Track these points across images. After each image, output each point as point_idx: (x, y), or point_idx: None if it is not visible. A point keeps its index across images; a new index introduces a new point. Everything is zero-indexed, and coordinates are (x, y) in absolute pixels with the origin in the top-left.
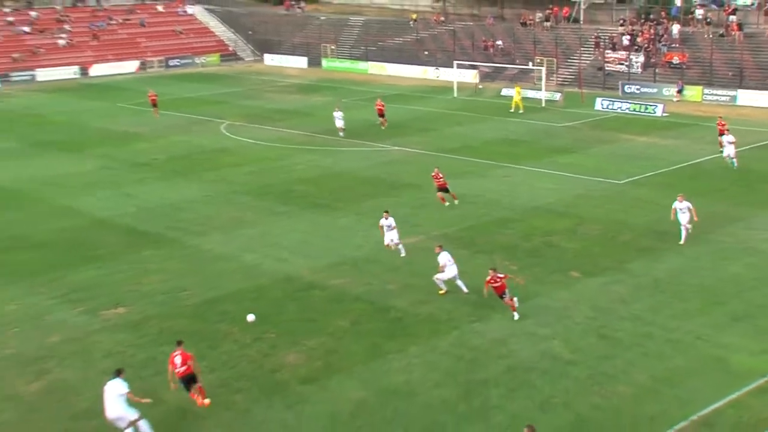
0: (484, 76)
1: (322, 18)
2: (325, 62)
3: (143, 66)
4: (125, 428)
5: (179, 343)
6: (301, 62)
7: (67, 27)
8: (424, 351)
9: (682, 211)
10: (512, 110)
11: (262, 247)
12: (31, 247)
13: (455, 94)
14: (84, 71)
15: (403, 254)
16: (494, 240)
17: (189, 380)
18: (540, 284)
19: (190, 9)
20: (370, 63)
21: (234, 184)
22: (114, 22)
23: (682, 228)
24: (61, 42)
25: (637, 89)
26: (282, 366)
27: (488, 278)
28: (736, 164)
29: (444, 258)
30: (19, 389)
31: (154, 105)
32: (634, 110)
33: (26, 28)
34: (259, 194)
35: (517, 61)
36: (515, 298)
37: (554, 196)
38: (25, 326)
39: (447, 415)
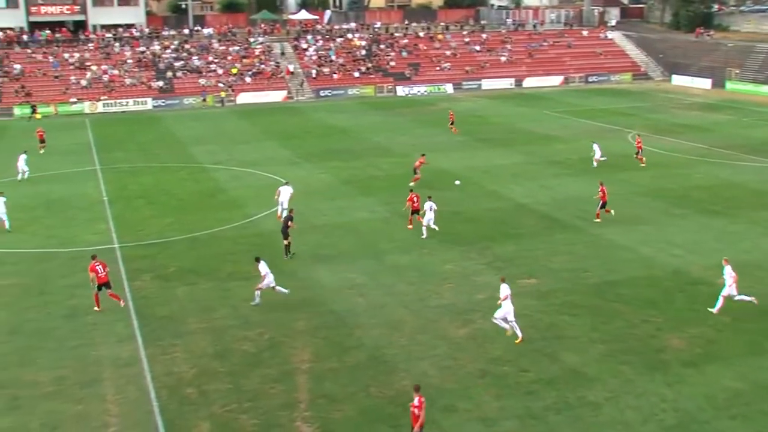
0: None
1: (730, 45)
2: (728, 84)
3: (566, 80)
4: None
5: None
6: (705, 83)
7: (508, 47)
8: None
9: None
10: None
11: (656, 242)
12: (465, 220)
13: None
14: (518, 82)
15: (436, 228)
16: None
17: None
18: None
19: (610, 34)
20: None
21: (635, 186)
22: (546, 43)
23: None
24: (503, 58)
25: None
26: (665, 347)
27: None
28: None
29: (263, 268)
30: (450, 332)
31: (452, 123)
32: None
33: (477, 47)
34: (657, 196)
35: None
36: None
37: None
38: (458, 283)
39: None
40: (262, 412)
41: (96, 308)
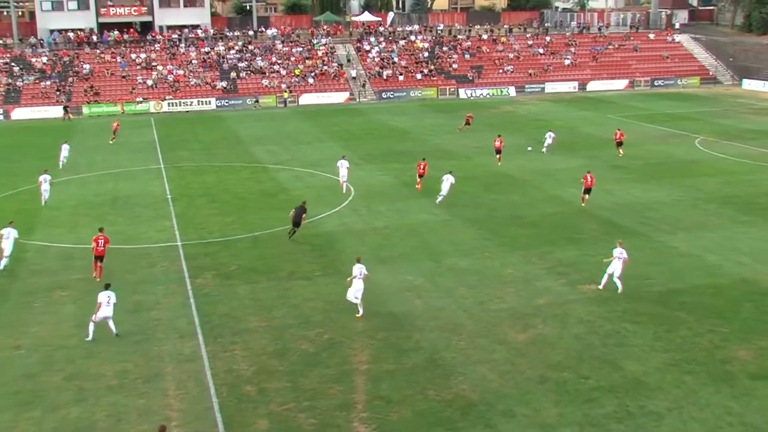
0: None
1: None
2: None
3: (632, 84)
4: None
5: None
6: None
7: (572, 49)
8: None
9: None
10: None
11: (723, 250)
12: (526, 224)
13: None
14: (582, 86)
15: (441, 197)
16: None
17: None
18: None
19: (678, 37)
20: None
21: (701, 192)
22: (611, 46)
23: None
24: (567, 62)
25: None
26: (732, 359)
27: None
28: None
29: (101, 297)
30: (509, 336)
31: (468, 123)
32: None
33: (541, 50)
34: (724, 203)
35: None
36: None
37: None
38: (519, 287)
39: None
40: (320, 412)
41: (95, 276)
